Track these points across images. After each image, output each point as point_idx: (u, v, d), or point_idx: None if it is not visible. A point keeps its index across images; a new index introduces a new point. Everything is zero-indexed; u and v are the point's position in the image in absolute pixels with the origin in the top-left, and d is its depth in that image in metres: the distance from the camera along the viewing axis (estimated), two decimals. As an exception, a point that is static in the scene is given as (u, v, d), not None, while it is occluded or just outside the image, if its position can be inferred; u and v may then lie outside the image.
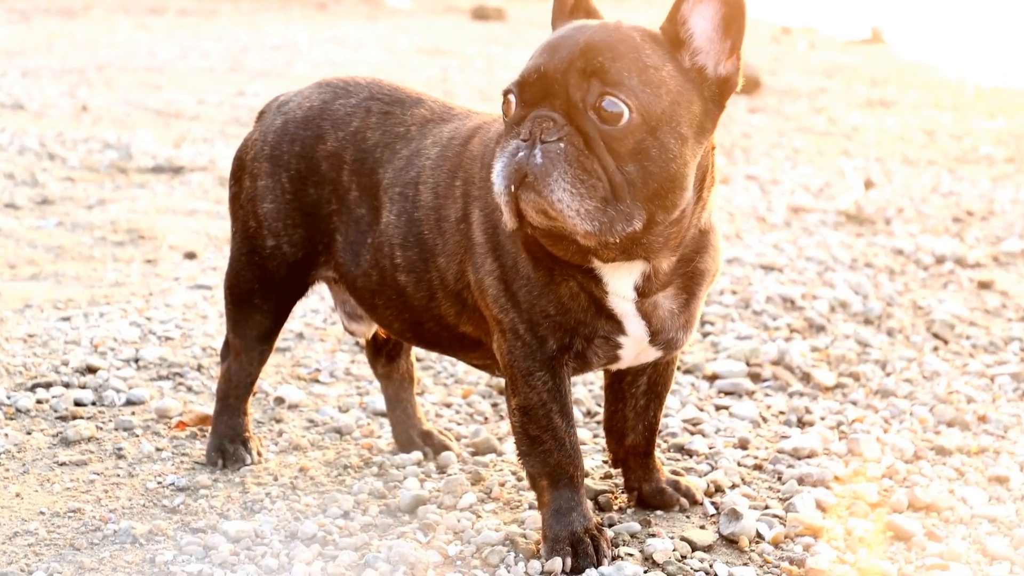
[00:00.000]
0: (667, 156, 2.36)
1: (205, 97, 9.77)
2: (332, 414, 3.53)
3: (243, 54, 13.09)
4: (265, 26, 16.74)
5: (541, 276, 2.56)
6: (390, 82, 3.04)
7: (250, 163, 3.04)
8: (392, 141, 2.89)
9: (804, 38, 17.86)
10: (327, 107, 2.99)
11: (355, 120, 2.95)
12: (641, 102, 2.33)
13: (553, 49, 2.39)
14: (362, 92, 3.00)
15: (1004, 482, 3.21)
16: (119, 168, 6.96)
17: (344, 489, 3.05)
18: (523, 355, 2.62)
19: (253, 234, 3.03)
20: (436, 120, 2.90)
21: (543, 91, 2.36)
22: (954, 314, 4.67)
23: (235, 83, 10.68)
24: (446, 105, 2.95)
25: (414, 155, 2.84)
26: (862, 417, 3.61)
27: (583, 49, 2.35)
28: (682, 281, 2.62)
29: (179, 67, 11.83)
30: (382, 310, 2.91)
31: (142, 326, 4.19)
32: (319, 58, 12.82)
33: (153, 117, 8.74)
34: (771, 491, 3.10)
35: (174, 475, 3.09)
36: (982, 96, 11.80)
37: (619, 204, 2.33)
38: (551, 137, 2.32)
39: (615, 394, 2.96)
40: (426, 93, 3.00)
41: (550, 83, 2.36)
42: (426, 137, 2.86)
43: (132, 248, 5.31)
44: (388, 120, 2.93)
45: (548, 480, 2.68)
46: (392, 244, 2.81)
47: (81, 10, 18.02)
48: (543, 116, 2.34)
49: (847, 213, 6.40)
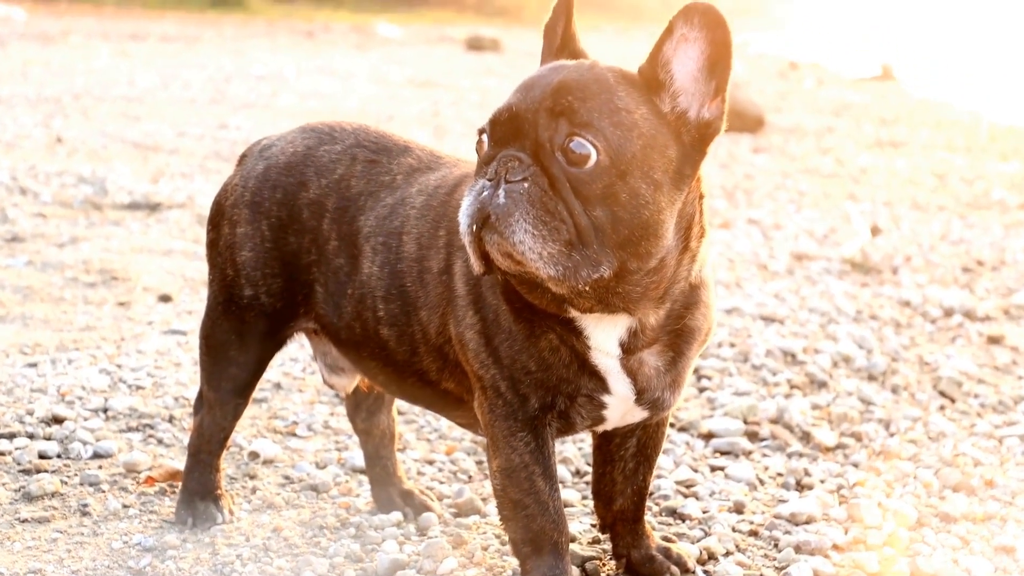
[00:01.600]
0: (638, 202, 2.36)
1: (185, 129, 9.82)
2: (309, 470, 3.53)
3: (226, 84, 13.15)
4: (250, 54, 16.83)
5: (522, 329, 2.57)
6: (377, 128, 3.07)
7: (229, 209, 3.06)
8: (376, 190, 2.91)
9: (812, 74, 17.99)
10: (311, 153, 3.02)
11: (340, 167, 2.97)
12: (610, 144, 2.33)
13: (527, 88, 2.42)
14: (348, 139, 3.03)
15: (1011, 552, 3.21)
16: (93, 204, 6.98)
17: (319, 552, 3.04)
18: (504, 414, 2.63)
19: (230, 283, 3.04)
20: (423, 169, 2.92)
21: (513, 130, 2.39)
22: (962, 371, 4.68)
23: (217, 115, 10.73)
24: (434, 154, 2.97)
25: (399, 204, 2.86)
26: (863, 480, 3.61)
27: (554, 89, 2.38)
28: (669, 338, 2.62)
29: (159, 97, 11.88)
30: (367, 362, 2.93)
31: (112, 374, 4.20)
32: (306, 89, 12.89)
33: (130, 150, 8.77)
34: (767, 559, 3.10)
35: (141, 534, 3.08)
36: (996, 136, 11.88)
37: (585, 249, 2.33)
38: (516, 177, 2.33)
39: (603, 456, 2.96)
40: (414, 141, 3.02)
41: (520, 122, 2.38)
42: (412, 186, 2.88)
43: (104, 290, 5.32)
44: (374, 169, 2.95)
45: (531, 546, 2.67)
46: (375, 296, 2.83)
47: (59, 35, 18.11)
48: (510, 156, 2.36)
49: (852, 261, 6.43)
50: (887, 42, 24.87)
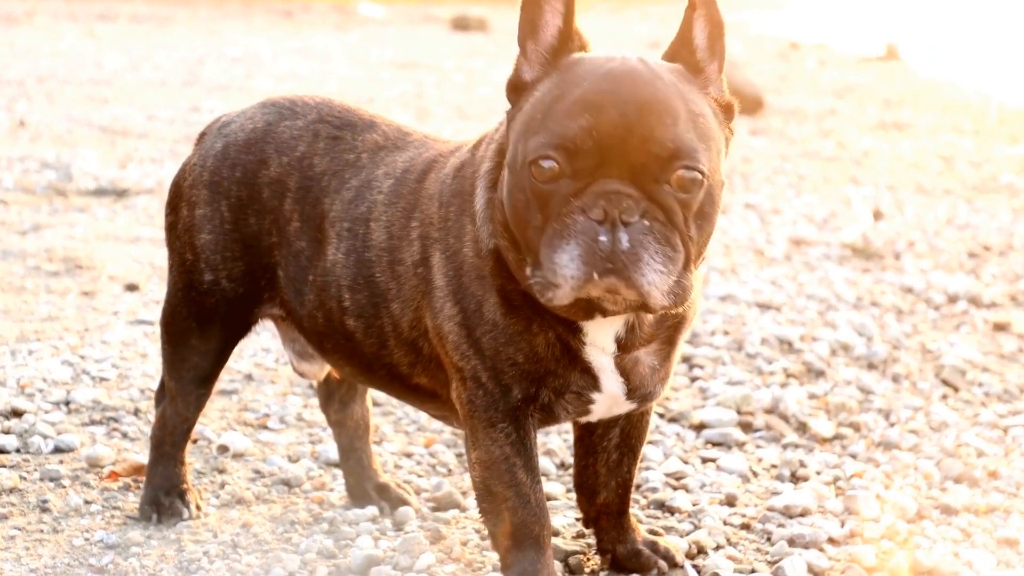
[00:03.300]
0: (716, 208, 2.39)
1: (156, 113, 9.80)
2: (281, 464, 3.53)
3: (199, 66, 13.13)
4: (225, 35, 16.80)
5: (514, 324, 2.56)
6: (342, 103, 3.05)
7: (187, 190, 3.05)
8: (341, 169, 2.89)
9: (814, 54, 17.99)
10: (271, 129, 3.00)
11: (301, 144, 2.95)
12: (707, 162, 2.32)
13: (598, 108, 2.29)
14: (310, 114, 3.01)
15: (1014, 545, 3.22)
16: (57, 190, 6.96)
17: (290, 548, 3.04)
18: (485, 404, 2.62)
19: (190, 268, 3.03)
20: (390, 147, 2.90)
21: (599, 159, 2.29)
22: (966, 359, 4.69)
23: (189, 98, 10.71)
24: (401, 130, 2.95)
25: (365, 187, 2.83)
26: (862, 472, 3.62)
27: (642, 108, 2.28)
28: (667, 333, 2.63)
29: (128, 80, 11.86)
30: (331, 353, 2.92)
31: (75, 365, 4.19)
32: (283, 71, 12.87)
33: (97, 134, 8.76)
34: (759, 553, 3.11)
35: (103, 531, 3.08)
36: (1006, 119, 11.89)
37: (686, 271, 2.34)
38: (633, 217, 2.27)
39: (585, 448, 2.96)
40: (380, 116, 3.00)
41: (610, 151, 2.28)
42: (378, 167, 2.85)
43: (68, 279, 5.31)
44: (337, 146, 2.93)
45: (511, 540, 2.67)
46: (340, 285, 2.80)
47: (24, 16, 18.06)
48: (617, 192, 2.27)
49: (853, 246, 6.44)
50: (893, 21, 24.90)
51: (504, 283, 2.54)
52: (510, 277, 2.53)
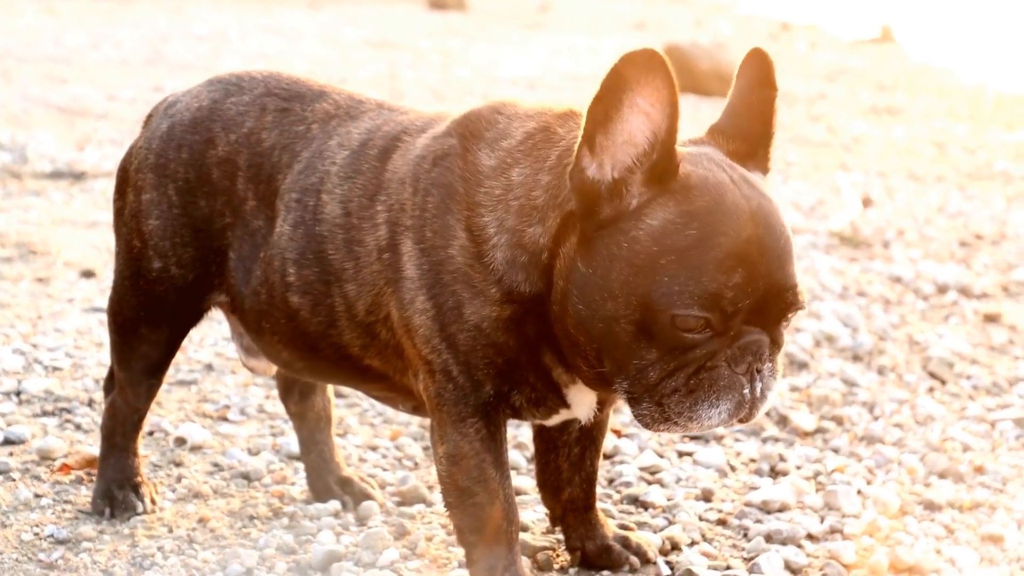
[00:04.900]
0: None
1: (116, 93, 9.77)
2: (240, 457, 3.54)
3: (163, 44, 13.09)
4: (190, 12, 16.75)
5: (505, 339, 2.55)
6: (290, 75, 3.04)
7: (133, 174, 3.04)
8: (291, 142, 2.88)
9: (805, 36, 18.04)
10: (217, 107, 2.99)
11: (249, 120, 2.95)
12: None
13: (750, 263, 2.33)
14: (257, 88, 3.00)
15: (998, 541, 3.25)
16: (11, 173, 6.94)
17: (248, 543, 3.05)
18: (454, 399, 2.62)
19: (138, 255, 3.02)
20: (341, 116, 2.89)
21: (748, 313, 2.36)
22: (954, 351, 4.73)
23: (152, 77, 10.68)
24: (353, 98, 2.94)
25: (316, 157, 2.82)
26: (843, 467, 3.65)
27: (780, 258, 2.36)
28: None
29: (89, 58, 11.82)
30: (268, 336, 2.89)
31: (27, 354, 4.18)
32: (251, 50, 12.84)
33: (55, 115, 8.73)
34: (735, 549, 3.13)
35: (54, 525, 3.08)
36: (1002, 104, 11.96)
37: None
38: (765, 366, 2.42)
39: (545, 444, 2.98)
40: (331, 85, 2.99)
41: (756, 303, 2.35)
42: (330, 137, 2.84)
43: (21, 264, 5.30)
44: (286, 118, 2.92)
45: (478, 535, 2.68)
46: (284, 259, 2.78)
47: (-21, -9, 17.95)
48: (758, 343, 2.38)
49: (841, 235, 6.47)
50: (888, 2, 24.97)
51: (522, 328, 2.54)
52: (528, 322, 2.54)
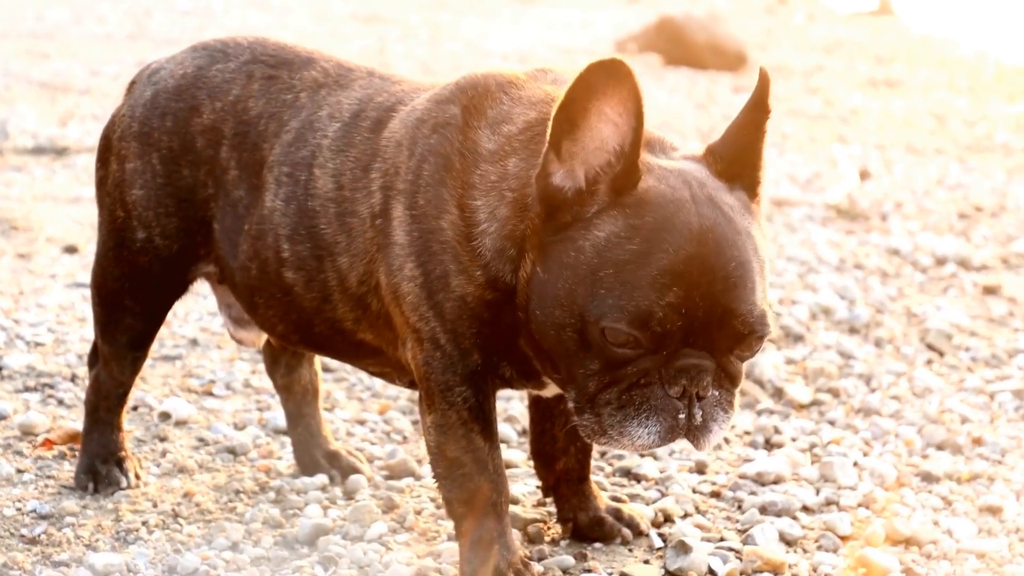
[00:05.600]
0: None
1: (99, 68, 9.74)
2: (226, 432, 3.54)
3: (147, 18, 13.06)
4: (175, -14, 16.69)
5: (489, 314, 2.55)
6: (276, 41, 3.02)
7: (116, 143, 3.02)
8: (279, 111, 2.87)
9: (802, 8, 18.01)
10: (202, 74, 2.98)
11: (235, 88, 2.93)
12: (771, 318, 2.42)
13: (688, 284, 2.29)
14: (243, 55, 2.98)
15: (997, 512, 3.26)
16: (-7, 148, 6.94)
17: (234, 517, 3.05)
18: (442, 367, 2.61)
19: (121, 225, 3.01)
20: (331, 85, 2.88)
21: (683, 335, 2.33)
22: (952, 323, 4.73)
23: (135, 52, 10.65)
24: (342, 65, 2.92)
25: (306, 129, 2.81)
26: (839, 439, 3.65)
27: (727, 282, 2.31)
28: None
29: (71, 33, 11.79)
30: (263, 310, 2.88)
31: (8, 329, 4.18)
32: (236, 24, 12.81)
33: (36, 90, 8.71)
34: (729, 521, 3.13)
35: (36, 500, 3.08)
36: (1003, 76, 11.96)
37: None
38: (706, 392, 2.39)
39: (541, 412, 2.98)
40: (319, 51, 2.98)
41: (692, 325, 2.32)
42: (320, 107, 2.83)
43: (3, 240, 5.29)
44: (273, 86, 2.91)
45: (467, 507, 2.67)
46: (277, 235, 2.78)
47: (-41, -35, 17.89)
48: (697, 368, 2.35)
49: (838, 207, 6.48)
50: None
51: (503, 314, 2.53)
52: (508, 310, 2.53)
